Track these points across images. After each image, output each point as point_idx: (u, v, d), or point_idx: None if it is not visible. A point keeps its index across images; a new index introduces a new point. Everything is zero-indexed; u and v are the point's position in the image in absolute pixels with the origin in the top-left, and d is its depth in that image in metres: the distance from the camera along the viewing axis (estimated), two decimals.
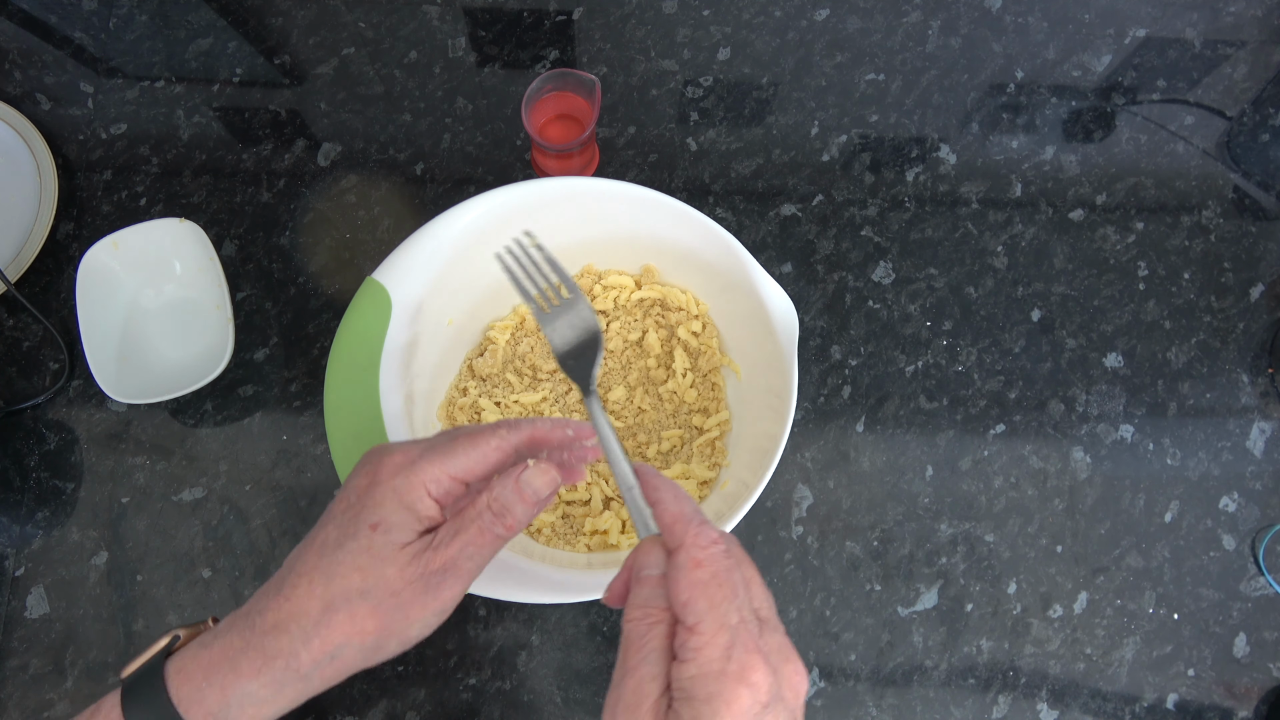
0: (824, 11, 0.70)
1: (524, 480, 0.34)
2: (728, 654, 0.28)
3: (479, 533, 0.33)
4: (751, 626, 0.29)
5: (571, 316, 0.38)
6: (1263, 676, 0.55)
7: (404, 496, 0.33)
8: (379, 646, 0.32)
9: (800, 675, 0.30)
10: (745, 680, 0.27)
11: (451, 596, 0.33)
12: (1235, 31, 0.70)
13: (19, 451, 0.57)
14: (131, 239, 0.57)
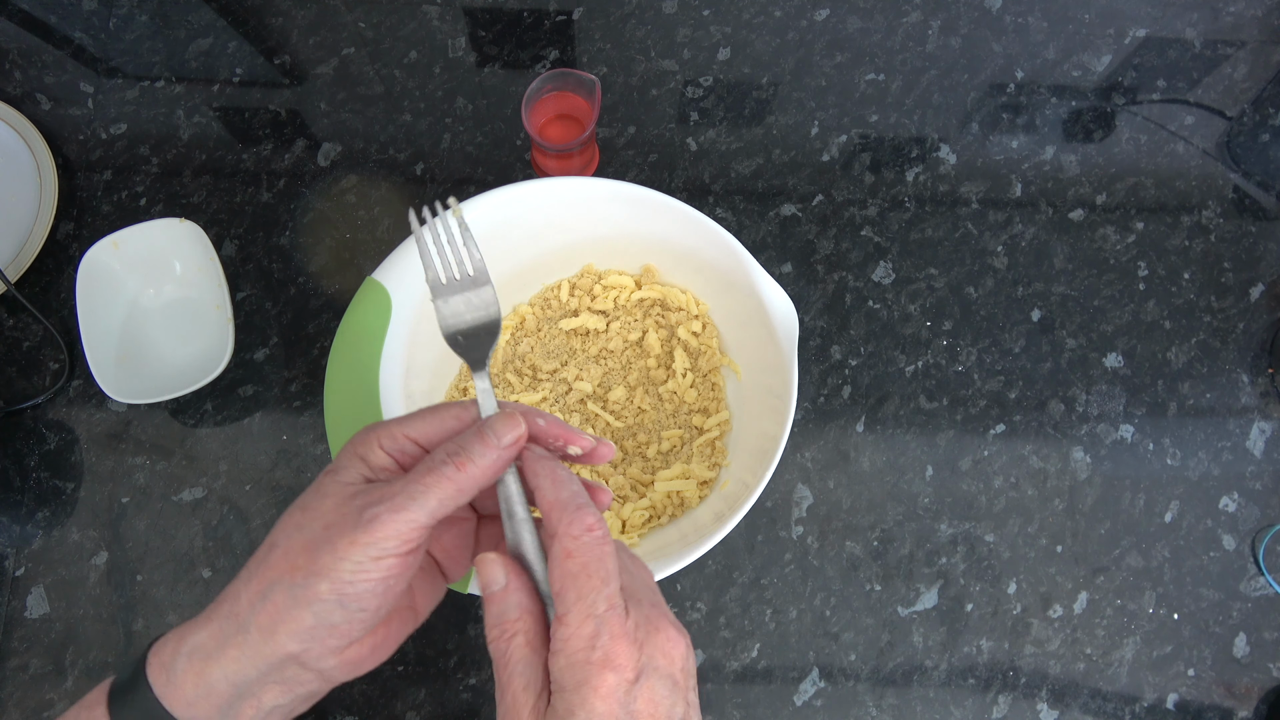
0: (824, 11, 0.70)
1: (488, 421, 0.32)
2: (593, 643, 0.29)
3: (427, 471, 0.31)
4: (617, 611, 0.30)
5: (472, 296, 0.35)
6: (1263, 676, 0.55)
7: (358, 448, 0.32)
8: (308, 586, 0.30)
9: (673, 640, 0.31)
10: (610, 664, 0.29)
11: (386, 534, 0.30)
12: (1235, 31, 0.70)
13: (19, 451, 0.57)
14: (131, 239, 0.57)
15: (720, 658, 0.54)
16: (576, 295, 0.57)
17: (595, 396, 0.55)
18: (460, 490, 0.31)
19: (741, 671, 0.54)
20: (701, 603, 0.55)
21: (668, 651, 0.30)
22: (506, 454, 0.32)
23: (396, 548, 0.30)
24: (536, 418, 0.34)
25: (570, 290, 0.57)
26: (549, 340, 0.57)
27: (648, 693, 0.29)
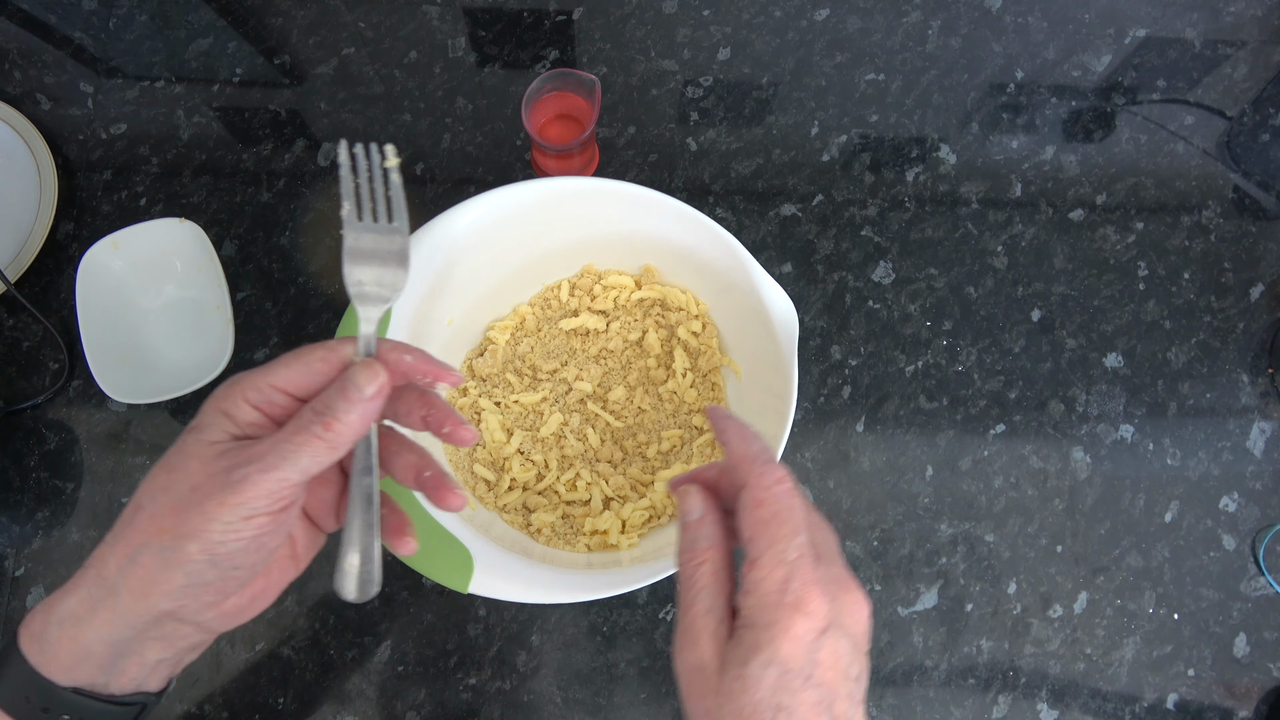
0: (824, 11, 0.70)
1: (348, 375, 0.32)
2: (785, 587, 0.30)
3: (295, 430, 0.31)
4: (808, 560, 0.30)
5: (383, 239, 0.36)
6: (1263, 676, 0.55)
7: (221, 403, 0.32)
8: (177, 548, 0.29)
9: (860, 604, 0.31)
10: (801, 609, 0.29)
11: (255, 494, 0.29)
12: (1235, 31, 0.70)
13: (19, 451, 0.57)
14: (131, 239, 0.57)
15: None
16: (576, 295, 0.57)
17: (595, 396, 0.55)
18: (332, 448, 0.31)
19: None
20: None
21: (854, 611, 0.31)
22: (371, 405, 0.32)
23: (267, 506, 0.30)
24: (403, 354, 0.34)
25: (570, 290, 0.57)
26: (549, 340, 0.57)
27: (832, 645, 0.30)
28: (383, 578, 0.34)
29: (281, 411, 0.32)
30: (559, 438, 0.54)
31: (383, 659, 0.53)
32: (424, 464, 0.35)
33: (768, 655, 0.29)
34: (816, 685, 0.29)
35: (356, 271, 0.35)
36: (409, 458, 0.35)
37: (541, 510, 0.52)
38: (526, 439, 0.54)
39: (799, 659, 0.29)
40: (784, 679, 0.29)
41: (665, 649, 0.54)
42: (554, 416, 0.54)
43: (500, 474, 0.53)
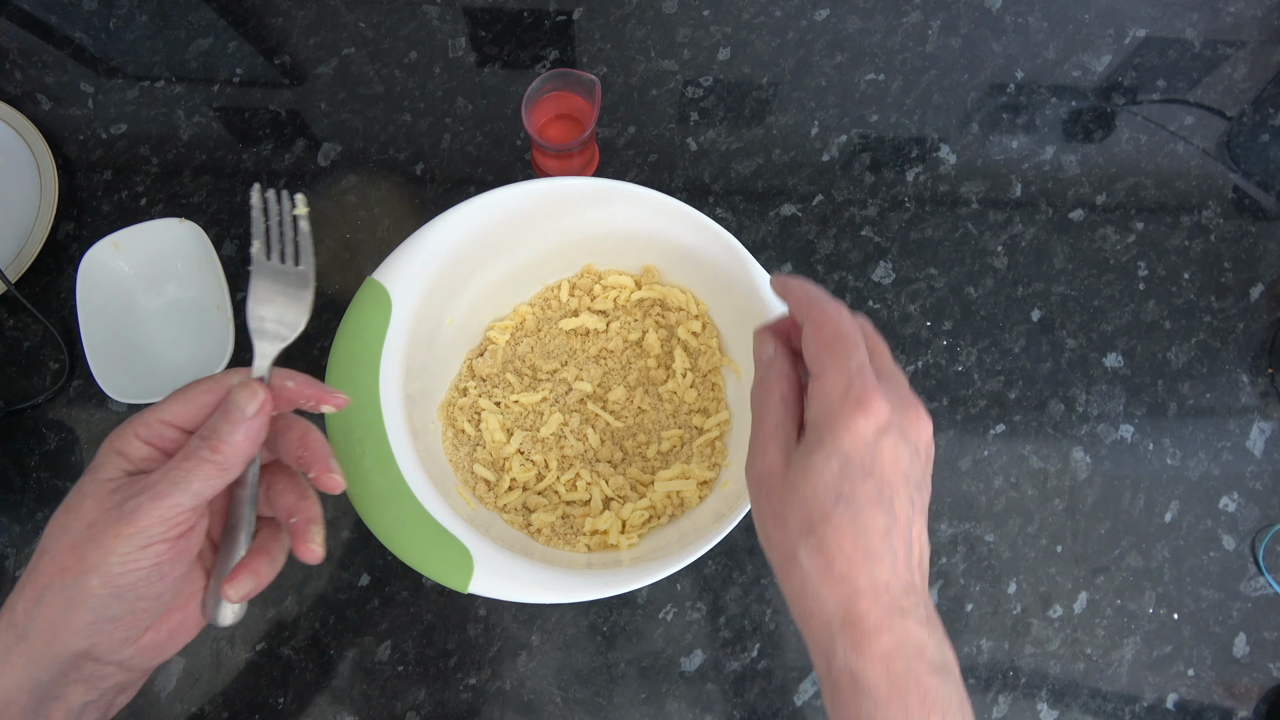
0: (824, 11, 0.70)
1: (229, 399, 0.33)
2: (846, 390, 0.32)
3: (184, 457, 0.32)
4: (869, 373, 0.32)
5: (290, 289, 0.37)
6: (1263, 676, 0.55)
7: (114, 443, 0.33)
8: (79, 585, 0.30)
9: (923, 420, 0.33)
10: (861, 408, 0.31)
11: (150, 522, 0.30)
12: (1235, 31, 0.70)
13: (19, 451, 0.57)
14: (131, 239, 0.57)
15: (720, 658, 0.54)
16: (576, 295, 0.57)
17: (595, 396, 0.55)
18: (222, 470, 0.32)
19: (741, 671, 0.54)
20: (701, 603, 0.55)
21: (915, 424, 0.33)
22: (255, 424, 0.33)
23: (164, 533, 0.31)
24: (285, 380, 0.35)
25: (570, 290, 0.57)
26: (549, 340, 0.57)
27: (892, 445, 0.31)
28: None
29: (173, 444, 0.33)
30: (559, 438, 0.54)
31: (383, 659, 0.53)
32: (296, 509, 0.36)
33: (830, 448, 0.31)
34: (877, 479, 0.31)
35: (260, 308, 0.37)
36: (288, 499, 0.37)
37: (541, 510, 0.52)
38: (526, 439, 0.54)
39: (860, 452, 0.31)
40: (845, 469, 0.31)
41: (665, 649, 0.54)
42: (554, 417, 0.54)
43: (500, 474, 0.53)
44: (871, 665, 0.30)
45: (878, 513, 0.31)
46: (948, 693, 0.30)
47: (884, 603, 0.30)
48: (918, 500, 0.32)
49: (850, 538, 0.30)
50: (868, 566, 0.30)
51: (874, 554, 0.30)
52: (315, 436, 0.36)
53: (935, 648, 0.30)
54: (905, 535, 0.31)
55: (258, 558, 0.35)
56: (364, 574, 0.55)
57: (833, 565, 0.31)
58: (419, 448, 0.47)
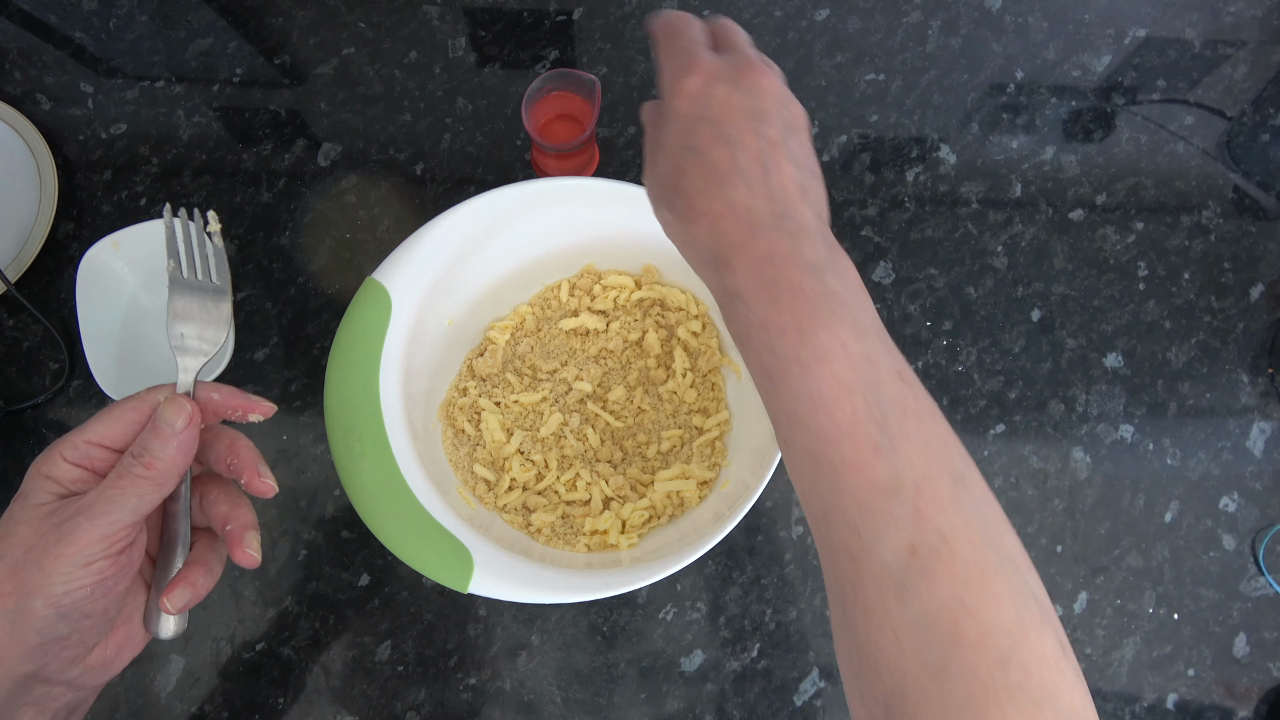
0: (824, 11, 0.70)
1: (157, 415, 0.33)
2: (675, 67, 0.34)
3: (118, 475, 0.32)
4: (695, 46, 0.34)
5: (209, 303, 0.38)
6: (1263, 676, 0.55)
7: (41, 467, 0.33)
8: (22, 609, 0.30)
9: (759, 70, 0.34)
10: (686, 71, 0.33)
11: (89, 541, 0.30)
12: (1235, 31, 0.70)
13: (19, 451, 0.57)
14: (131, 239, 0.57)
15: (720, 658, 0.54)
16: (576, 295, 0.57)
17: (595, 396, 0.55)
18: (158, 484, 0.32)
19: (741, 671, 0.54)
20: (701, 603, 0.55)
21: (748, 73, 0.33)
22: (186, 437, 0.33)
23: (105, 550, 0.31)
24: (211, 393, 0.36)
25: (570, 290, 0.57)
26: (549, 340, 0.57)
27: (723, 91, 0.33)
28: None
29: (102, 464, 0.33)
30: (559, 438, 0.54)
31: (383, 659, 0.53)
32: (230, 516, 0.36)
33: (669, 116, 0.33)
34: (713, 122, 0.32)
35: (179, 325, 0.37)
36: (221, 507, 0.37)
37: (541, 510, 0.52)
38: (526, 439, 0.54)
39: (691, 105, 0.33)
40: (683, 125, 0.33)
41: (665, 649, 0.54)
42: (554, 416, 0.54)
43: (500, 474, 0.53)
44: (741, 274, 0.30)
45: (720, 148, 0.32)
46: (824, 289, 0.30)
47: (743, 218, 0.31)
48: (767, 132, 0.32)
49: (700, 175, 0.32)
50: (720, 191, 0.32)
51: (724, 180, 0.32)
52: (243, 443, 0.37)
53: (812, 254, 0.30)
54: (759, 162, 0.32)
55: (194, 570, 0.36)
56: (364, 574, 0.55)
57: (693, 205, 0.32)
58: (419, 448, 0.47)
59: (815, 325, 0.29)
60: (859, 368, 0.28)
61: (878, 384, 0.29)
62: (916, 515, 0.28)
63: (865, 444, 0.28)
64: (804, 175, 0.33)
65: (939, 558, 0.27)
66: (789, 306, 0.29)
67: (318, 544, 0.55)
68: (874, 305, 0.32)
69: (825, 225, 0.32)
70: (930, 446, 0.29)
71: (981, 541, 0.28)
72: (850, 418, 0.28)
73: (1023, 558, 0.30)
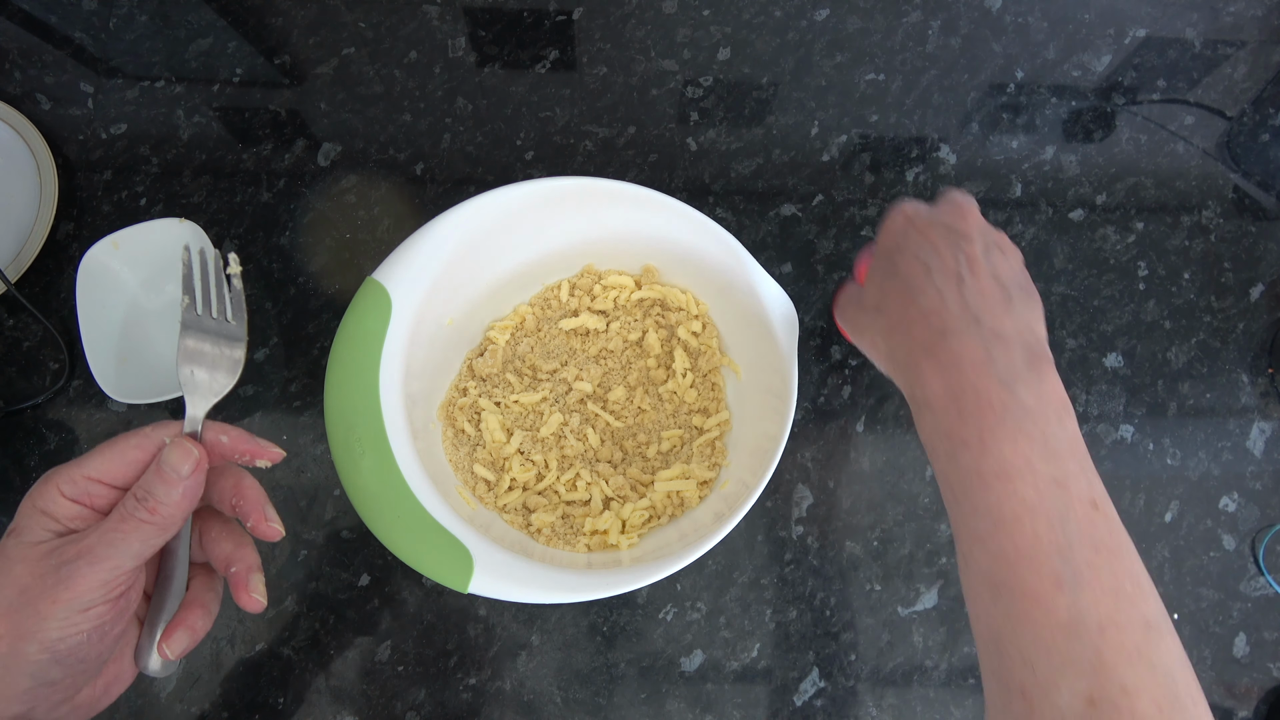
0: (824, 11, 0.70)
1: (162, 458, 0.32)
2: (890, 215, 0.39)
3: (120, 519, 0.31)
4: (910, 201, 0.40)
5: (224, 346, 0.38)
6: (1263, 676, 0.55)
7: (37, 500, 0.31)
8: (16, 653, 0.29)
9: (961, 210, 0.38)
10: (894, 211, 0.39)
11: (88, 587, 0.30)
12: (1235, 31, 0.70)
13: (19, 451, 0.57)
14: (131, 239, 0.57)
15: (720, 658, 0.54)
16: (576, 295, 0.57)
17: (595, 396, 0.55)
18: (161, 530, 0.31)
19: (741, 671, 0.54)
20: (701, 603, 0.55)
21: (949, 213, 0.37)
22: (191, 483, 0.32)
23: (104, 595, 0.30)
24: (220, 434, 0.35)
25: (570, 290, 0.57)
26: (549, 340, 0.57)
27: (923, 223, 0.37)
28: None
29: (103, 501, 0.32)
30: (559, 438, 0.54)
31: (383, 659, 0.53)
32: (234, 557, 0.35)
33: (876, 253, 0.39)
34: (912, 248, 0.36)
35: (189, 365, 0.37)
36: (224, 546, 0.36)
37: (541, 510, 0.52)
38: (526, 439, 0.54)
39: (894, 236, 0.37)
40: (886, 255, 0.37)
41: (665, 649, 0.54)
42: (554, 416, 0.54)
43: (500, 474, 0.53)
44: (929, 381, 0.31)
45: (915, 264, 0.35)
46: (1013, 400, 0.29)
47: (935, 324, 0.32)
48: (966, 248, 0.35)
49: (899, 293, 0.35)
50: (914, 300, 0.34)
51: (918, 289, 0.34)
52: (249, 483, 0.36)
53: (1005, 363, 0.30)
54: (954, 274, 0.34)
55: (192, 611, 0.35)
56: (364, 574, 0.55)
57: (890, 320, 0.35)
58: (419, 448, 0.47)
59: (999, 439, 0.28)
60: (1045, 489, 0.27)
61: (1066, 510, 0.27)
62: (1098, 662, 0.26)
63: (1046, 573, 0.26)
64: (1008, 289, 0.33)
65: (1119, 715, 0.25)
66: (974, 417, 0.28)
67: (318, 544, 0.55)
68: (1078, 425, 0.30)
69: (1033, 339, 0.32)
70: (1121, 588, 0.27)
71: (1168, 703, 0.26)
72: (1032, 542, 0.27)
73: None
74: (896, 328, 0.34)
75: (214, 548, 0.36)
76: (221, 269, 0.39)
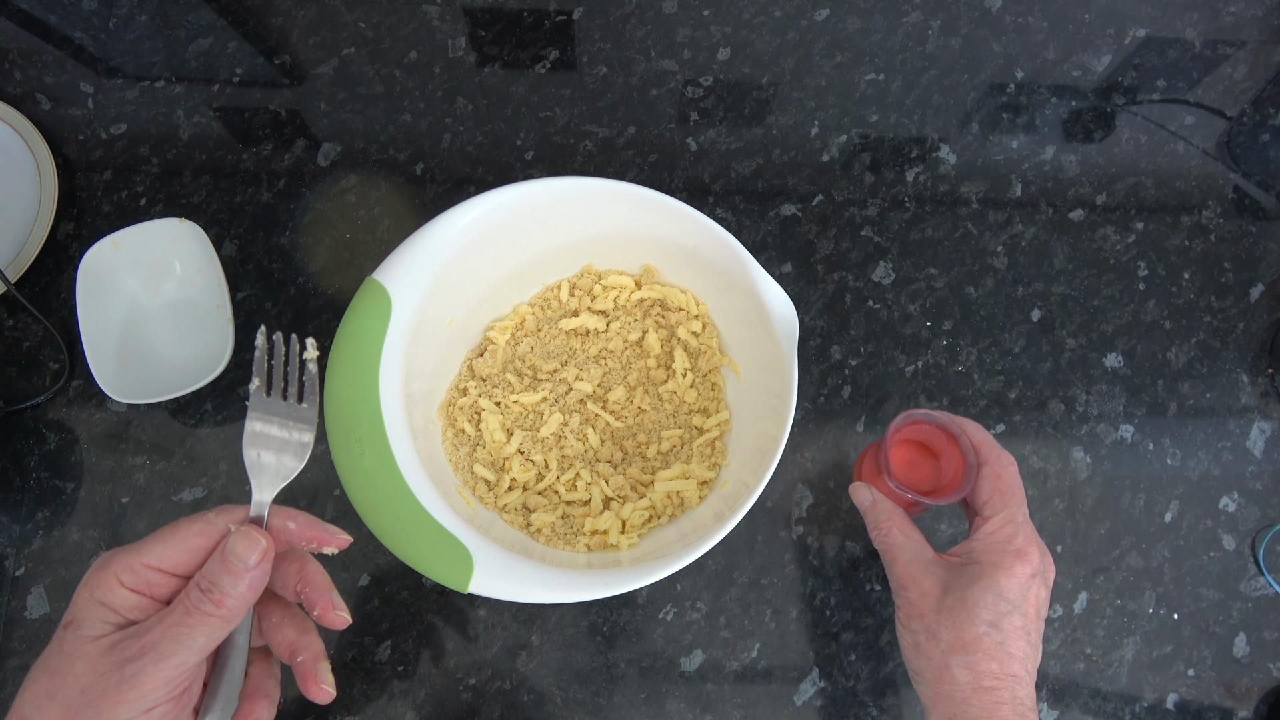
0: (824, 11, 0.70)
1: (227, 548, 0.31)
2: (1011, 540, 0.41)
3: (185, 612, 0.30)
4: (1031, 526, 0.42)
5: (292, 427, 0.36)
6: (1263, 676, 0.55)
7: (94, 590, 0.30)
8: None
9: (1052, 566, 0.43)
10: (1022, 558, 0.40)
11: (153, 686, 0.29)
12: (1235, 31, 0.70)
13: (19, 451, 0.57)
14: (131, 239, 0.57)
15: (720, 658, 0.54)
16: (576, 295, 0.57)
17: (595, 397, 0.55)
18: (225, 622, 0.31)
19: (741, 671, 0.54)
20: (701, 603, 0.55)
21: (1050, 569, 0.42)
22: (258, 573, 0.31)
23: (169, 693, 0.29)
24: (287, 520, 0.34)
25: (570, 290, 0.57)
26: (549, 340, 0.57)
27: (1038, 589, 0.40)
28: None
29: (163, 590, 0.31)
30: (559, 438, 0.54)
31: (383, 659, 0.53)
32: (299, 645, 0.35)
33: (989, 584, 0.39)
34: (1023, 614, 0.39)
35: (256, 448, 0.35)
36: (288, 633, 0.35)
37: (541, 510, 0.52)
38: (526, 439, 0.54)
39: (1015, 591, 0.39)
40: (999, 604, 0.38)
41: (665, 649, 0.54)
42: (554, 417, 0.54)
43: (500, 474, 0.53)
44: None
45: (1021, 642, 0.38)
46: None
47: (1020, 713, 0.38)
48: (1043, 629, 0.41)
49: (997, 660, 0.38)
50: (1009, 685, 0.38)
51: (1015, 676, 0.38)
52: (314, 569, 0.35)
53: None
54: (1037, 660, 0.39)
55: (258, 703, 0.34)
56: (364, 574, 0.55)
57: (981, 681, 0.38)
58: (419, 448, 0.47)
59: None
60: None
61: None
62: None
63: None
64: (1037, 649, 0.41)
65: None
66: None
67: None
68: None
69: (1028, 696, 0.39)
70: None
71: None
72: None
73: None
74: (985, 692, 0.38)
75: (275, 634, 0.35)
76: (298, 354, 0.38)
